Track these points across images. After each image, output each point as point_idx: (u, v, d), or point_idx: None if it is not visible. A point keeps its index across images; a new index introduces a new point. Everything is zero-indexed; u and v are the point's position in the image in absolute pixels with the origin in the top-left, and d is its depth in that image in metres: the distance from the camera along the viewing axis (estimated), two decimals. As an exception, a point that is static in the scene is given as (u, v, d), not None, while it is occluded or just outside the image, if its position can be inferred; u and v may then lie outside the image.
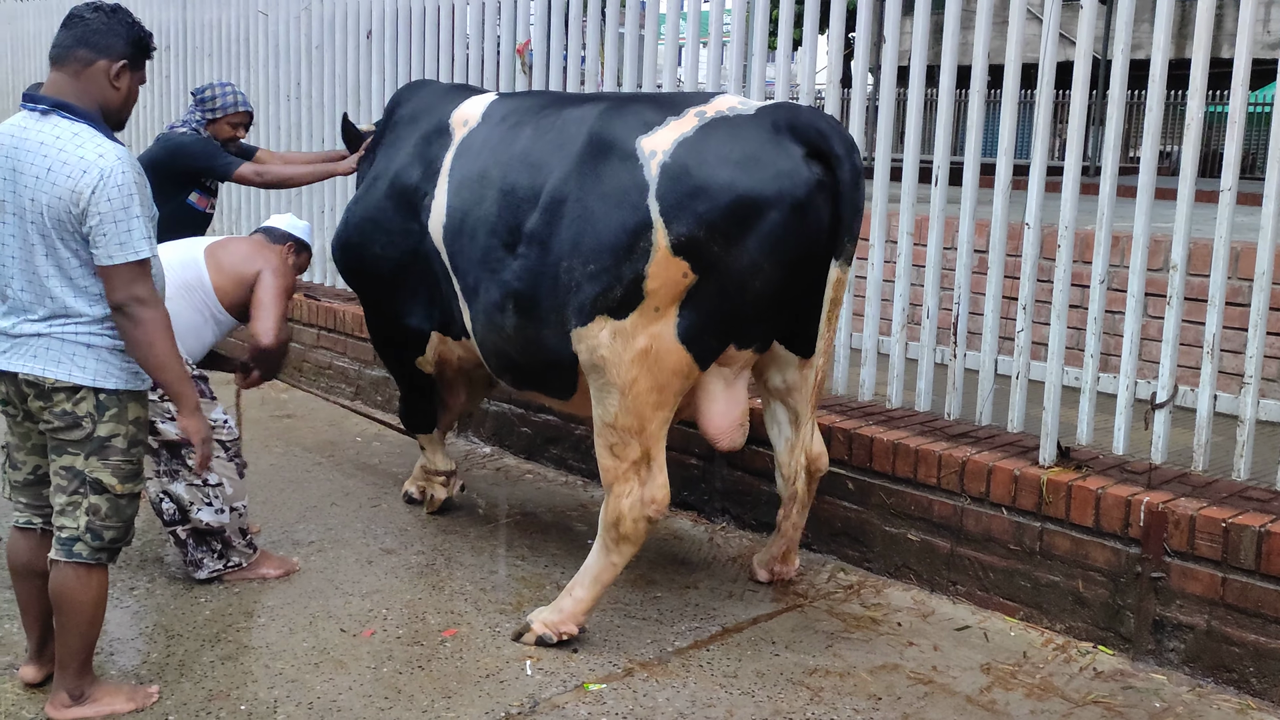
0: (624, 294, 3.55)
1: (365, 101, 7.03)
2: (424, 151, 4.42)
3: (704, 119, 3.58)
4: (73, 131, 3.05)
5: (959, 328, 4.56)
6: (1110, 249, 4.18)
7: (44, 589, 3.30)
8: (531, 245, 3.80)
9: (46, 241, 3.05)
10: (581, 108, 3.92)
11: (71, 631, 3.23)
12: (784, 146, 3.52)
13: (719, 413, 3.90)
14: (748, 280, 3.54)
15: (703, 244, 3.47)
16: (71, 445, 3.15)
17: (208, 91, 5.31)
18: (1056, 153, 14.70)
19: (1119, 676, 3.73)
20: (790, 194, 3.48)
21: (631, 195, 3.54)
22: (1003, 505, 4.11)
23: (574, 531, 4.89)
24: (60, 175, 3.00)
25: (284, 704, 3.40)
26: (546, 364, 3.91)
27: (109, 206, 3.00)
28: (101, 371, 3.13)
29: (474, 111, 4.38)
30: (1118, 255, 5.72)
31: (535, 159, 3.88)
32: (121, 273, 3.04)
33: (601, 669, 3.68)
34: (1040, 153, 4.28)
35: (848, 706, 3.49)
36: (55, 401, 3.12)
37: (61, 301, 3.09)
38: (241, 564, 4.27)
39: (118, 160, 3.03)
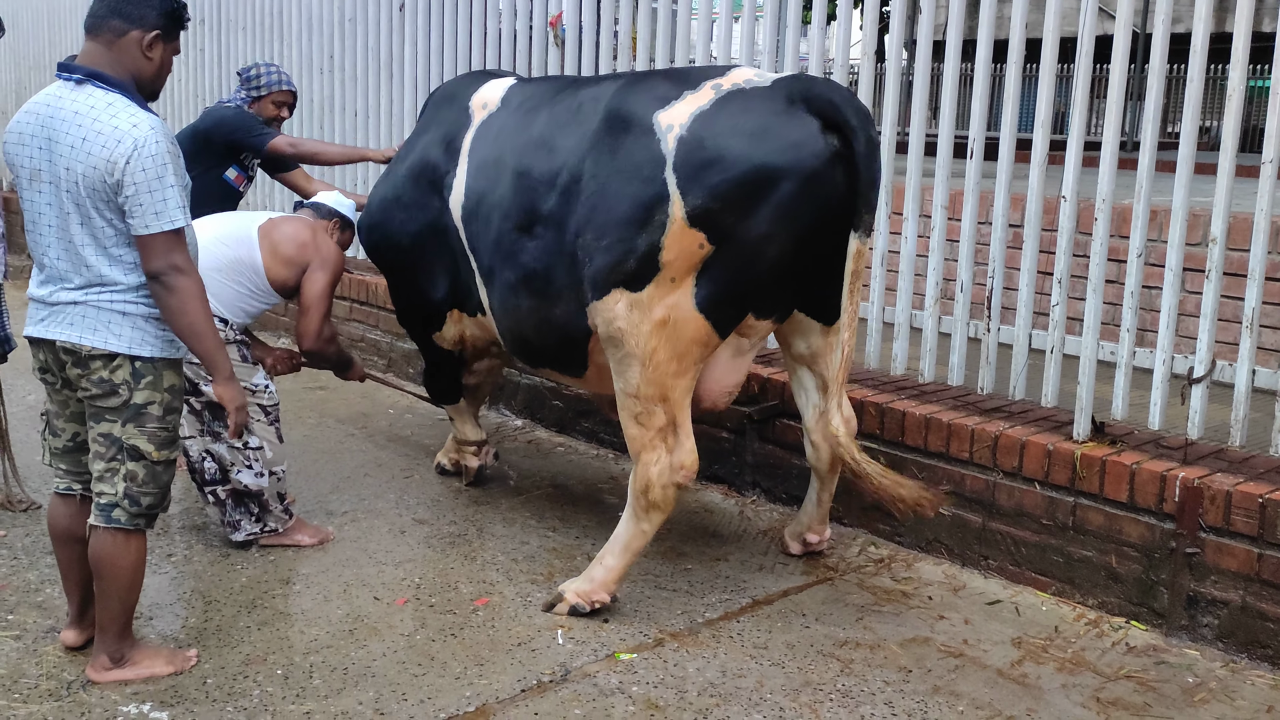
0: (639, 266, 3.56)
1: (398, 75, 7.04)
2: (445, 133, 4.48)
3: (720, 92, 3.59)
4: (107, 101, 3.07)
5: (993, 302, 4.53)
6: (1148, 223, 4.13)
7: (84, 555, 3.36)
8: (548, 227, 3.83)
9: (81, 211, 3.09)
10: (598, 87, 3.94)
11: (111, 596, 3.29)
12: (798, 118, 3.52)
13: (715, 377, 3.93)
14: (763, 250, 3.55)
15: (718, 215, 3.48)
16: (109, 412, 3.19)
17: (253, 70, 5.36)
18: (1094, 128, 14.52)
19: (1152, 652, 3.71)
20: (804, 164, 3.48)
21: (648, 169, 3.55)
22: (1036, 480, 4.09)
23: (605, 504, 4.91)
24: (95, 145, 3.03)
25: (319, 669, 3.44)
26: (560, 342, 3.94)
27: (144, 176, 3.02)
28: (137, 339, 3.16)
29: (493, 95, 4.41)
30: (1155, 230, 5.66)
31: (551, 143, 3.90)
32: (158, 242, 3.07)
33: (632, 639, 3.71)
34: (1078, 125, 4.24)
35: (878, 678, 3.50)
36: (92, 369, 3.16)
37: (97, 270, 3.12)
38: (277, 529, 4.32)
39: (151, 130, 3.05)
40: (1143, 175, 4.07)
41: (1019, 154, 4.53)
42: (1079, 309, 4.41)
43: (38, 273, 3.23)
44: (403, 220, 4.56)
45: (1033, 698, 3.41)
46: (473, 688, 3.37)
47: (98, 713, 3.18)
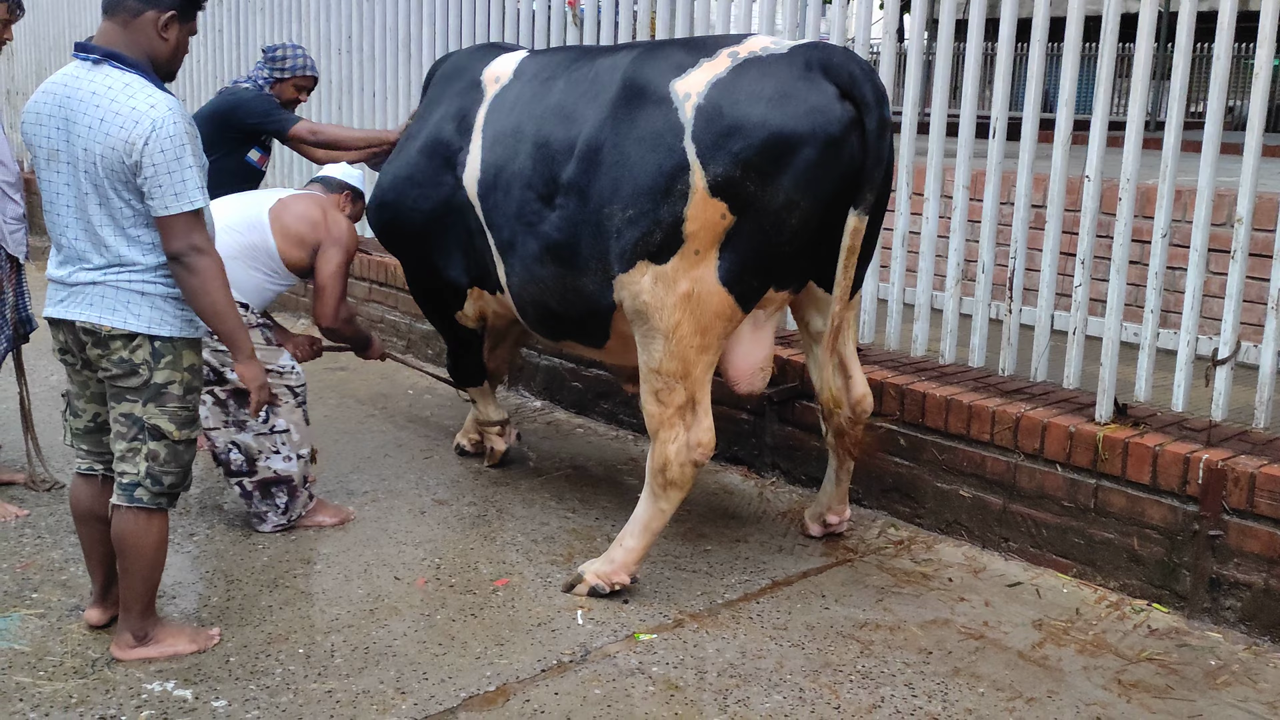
0: (664, 238, 3.55)
1: (416, 55, 7.03)
2: (457, 108, 4.45)
3: (737, 59, 3.57)
4: (124, 82, 3.07)
5: (1015, 283, 4.50)
6: (1173, 203, 4.10)
7: (106, 534, 3.38)
8: (569, 195, 3.81)
9: (99, 191, 3.09)
10: (614, 56, 3.92)
11: (134, 575, 3.31)
12: (817, 83, 3.51)
13: (741, 354, 3.91)
14: (785, 218, 3.53)
15: (739, 183, 3.47)
16: (129, 392, 3.21)
17: (279, 51, 5.33)
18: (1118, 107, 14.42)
19: (1174, 634, 3.70)
20: (824, 130, 3.47)
21: (667, 138, 3.54)
22: (1057, 462, 4.07)
23: (624, 485, 4.91)
24: (113, 126, 3.03)
25: (340, 649, 3.46)
26: (585, 313, 3.93)
27: (163, 158, 3.02)
28: (156, 319, 3.17)
29: (505, 69, 4.38)
30: (1180, 210, 5.62)
31: (569, 111, 3.89)
32: (178, 223, 3.08)
33: (652, 619, 3.71)
34: (1103, 104, 4.20)
35: (898, 660, 3.49)
36: (112, 349, 3.17)
37: (115, 251, 3.13)
38: (301, 514, 4.34)
39: (169, 111, 3.05)
40: (1168, 155, 4.03)
41: (1042, 134, 4.49)
42: (1102, 290, 4.39)
43: (55, 253, 3.23)
44: (415, 199, 4.53)
45: (1054, 680, 3.40)
46: (493, 667, 3.38)
47: (122, 690, 3.20)
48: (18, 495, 4.55)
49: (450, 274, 4.59)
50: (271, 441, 4.24)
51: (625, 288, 3.69)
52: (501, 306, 4.55)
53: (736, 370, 3.94)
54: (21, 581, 3.84)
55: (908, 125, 4.84)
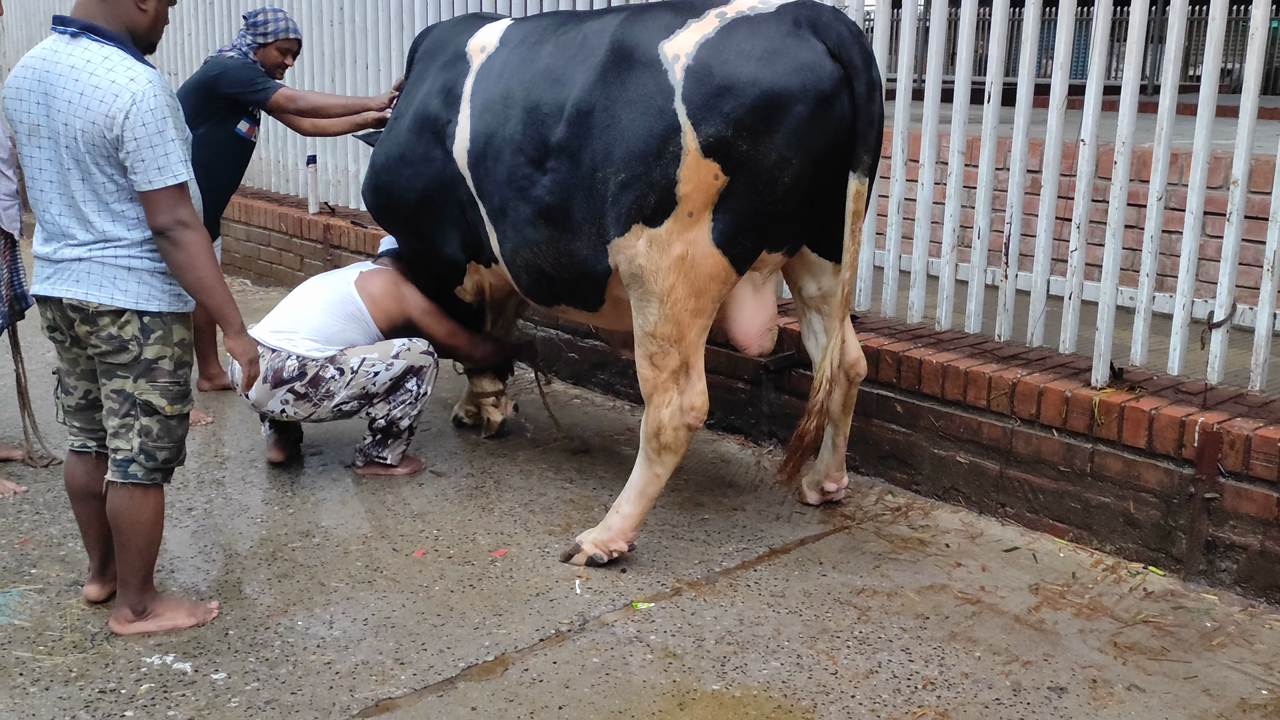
0: (657, 201, 3.55)
1: (409, 25, 6.98)
2: (443, 81, 4.43)
3: (725, 19, 3.56)
4: (103, 55, 3.04)
5: (1010, 248, 4.49)
6: (1169, 167, 4.08)
7: (101, 510, 3.38)
8: (560, 158, 3.81)
9: (81, 167, 3.07)
10: (601, 20, 3.90)
11: (131, 550, 3.31)
12: (805, 40, 3.50)
13: (747, 318, 3.92)
14: (777, 176, 3.53)
15: (731, 143, 3.47)
16: (120, 369, 3.20)
17: (260, 16, 5.28)
18: (1113, 71, 14.34)
19: (1169, 597, 3.71)
20: (814, 86, 3.47)
21: (658, 100, 3.54)
22: (1053, 427, 4.08)
23: (621, 455, 4.91)
24: (93, 100, 3.00)
25: (339, 620, 3.48)
26: (579, 276, 3.93)
27: (144, 131, 3.00)
28: (144, 294, 3.16)
29: (490, 38, 4.36)
30: (1176, 173, 5.59)
31: (558, 74, 3.88)
32: (162, 197, 3.06)
33: (650, 588, 3.72)
34: (1098, 67, 4.17)
35: (895, 625, 3.51)
36: (100, 326, 3.16)
37: (100, 227, 3.11)
38: (387, 459, 4.65)
39: (149, 84, 3.03)
40: (1163, 118, 4.01)
41: (1037, 99, 4.47)
42: (1097, 255, 4.37)
43: (40, 229, 3.22)
44: (409, 177, 4.51)
45: (1050, 643, 3.42)
46: (491, 637, 3.40)
47: (122, 664, 3.22)
48: (15, 471, 4.56)
49: (447, 250, 4.57)
50: (414, 405, 4.56)
51: (621, 252, 3.68)
52: (497, 278, 4.54)
53: (745, 333, 3.95)
54: (20, 557, 3.85)
55: (903, 91, 4.81)
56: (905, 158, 4.84)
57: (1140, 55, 4.12)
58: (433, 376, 4.59)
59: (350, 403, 4.47)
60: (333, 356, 4.41)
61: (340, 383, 4.40)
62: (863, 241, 4.95)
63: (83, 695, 3.07)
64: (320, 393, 4.40)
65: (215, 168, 5.22)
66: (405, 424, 4.57)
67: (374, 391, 4.48)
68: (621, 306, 3.94)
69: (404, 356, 4.49)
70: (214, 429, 5.19)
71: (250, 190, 8.47)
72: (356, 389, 4.43)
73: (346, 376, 4.40)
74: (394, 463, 4.63)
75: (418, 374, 4.52)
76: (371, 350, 4.47)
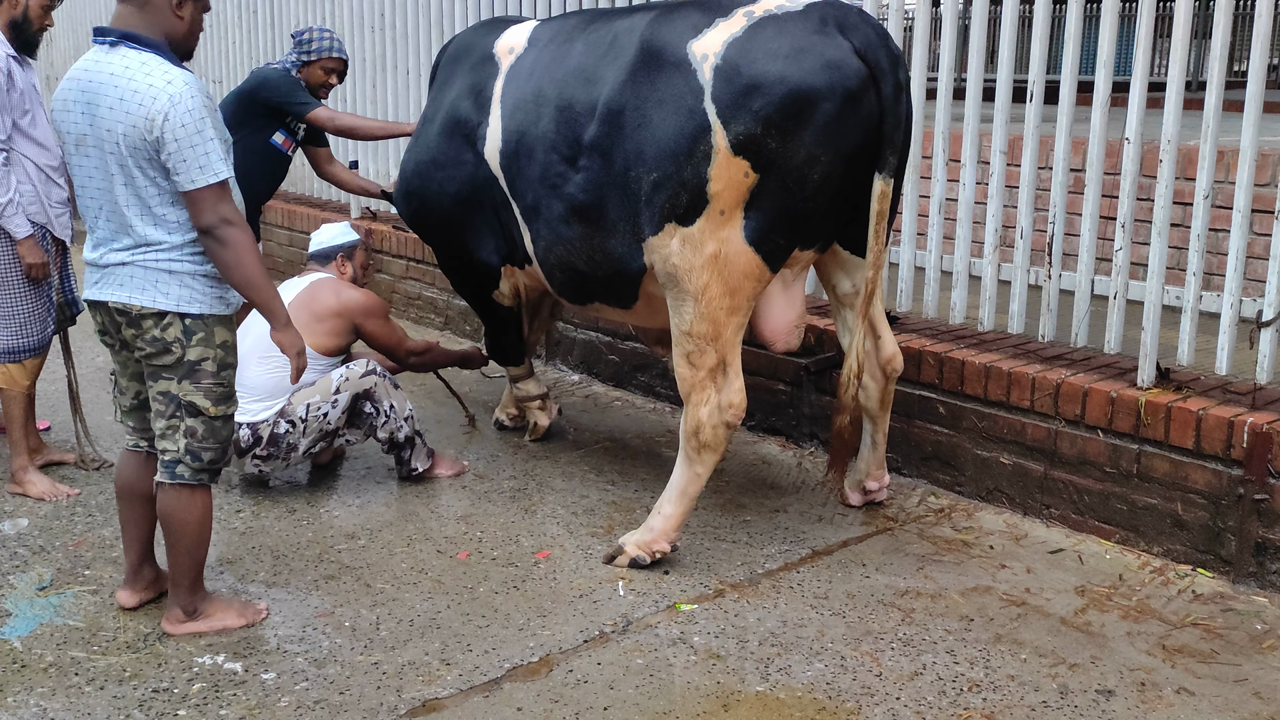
0: (690, 199, 3.57)
1: (449, 30, 7.02)
2: (472, 84, 4.46)
3: (752, 18, 3.58)
4: (141, 61, 3.11)
5: (1054, 248, 4.46)
6: (1215, 164, 4.03)
7: (145, 511, 3.47)
8: (593, 156, 3.83)
9: (125, 171, 3.14)
10: (630, 18, 3.93)
11: (180, 550, 3.37)
12: (832, 38, 3.51)
13: (775, 315, 3.94)
14: (806, 174, 3.54)
15: (761, 140, 3.48)
16: (165, 370, 3.26)
17: (306, 35, 5.34)
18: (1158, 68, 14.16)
19: (1219, 599, 3.67)
20: (841, 84, 3.48)
21: (688, 100, 3.56)
22: (1099, 428, 4.04)
23: (662, 457, 4.92)
24: (133, 104, 3.07)
25: (385, 621, 3.51)
26: (612, 273, 3.96)
27: (184, 132, 3.06)
28: (185, 297, 3.22)
29: (518, 39, 4.39)
30: (1222, 171, 5.53)
31: (590, 72, 3.91)
32: (206, 195, 3.11)
33: (692, 590, 3.73)
34: (1142, 65, 4.13)
35: (939, 627, 3.49)
36: (144, 328, 3.22)
37: (141, 231, 3.18)
38: (418, 468, 4.62)
39: (186, 86, 3.09)
40: (1209, 115, 3.97)
41: (1080, 97, 4.43)
42: (1143, 254, 4.34)
43: (90, 236, 3.30)
44: (441, 181, 4.55)
45: (1097, 646, 3.39)
46: (536, 638, 3.42)
47: (174, 664, 3.27)
48: (69, 475, 4.64)
49: (482, 255, 4.60)
50: (392, 420, 4.51)
51: (655, 251, 3.70)
52: (532, 279, 4.57)
53: (772, 330, 3.97)
54: (74, 559, 3.92)
55: (944, 91, 4.79)
56: (946, 157, 4.82)
57: (1185, 51, 4.07)
58: (386, 391, 4.47)
59: (318, 444, 4.44)
60: (282, 409, 4.33)
61: (297, 433, 4.35)
62: (904, 242, 4.96)
63: (136, 695, 3.12)
64: (283, 449, 4.36)
65: (248, 177, 5.27)
66: (402, 436, 4.52)
67: (333, 429, 4.43)
68: (655, 303, 3.97)
69: (345, 388, 4.40)
70: (260, 432, 5.25)
71: (292, 195, 8.56)
72: (315, 433, 4.37)
73: (300, 426, 4.34)
74: (423, 467, 4.63)
75: (369, 397, 4.43)
76: (314, 392, 4.36)
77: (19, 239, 4.31)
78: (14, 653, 3.32)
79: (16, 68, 4.34)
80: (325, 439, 4.45)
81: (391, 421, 4.50)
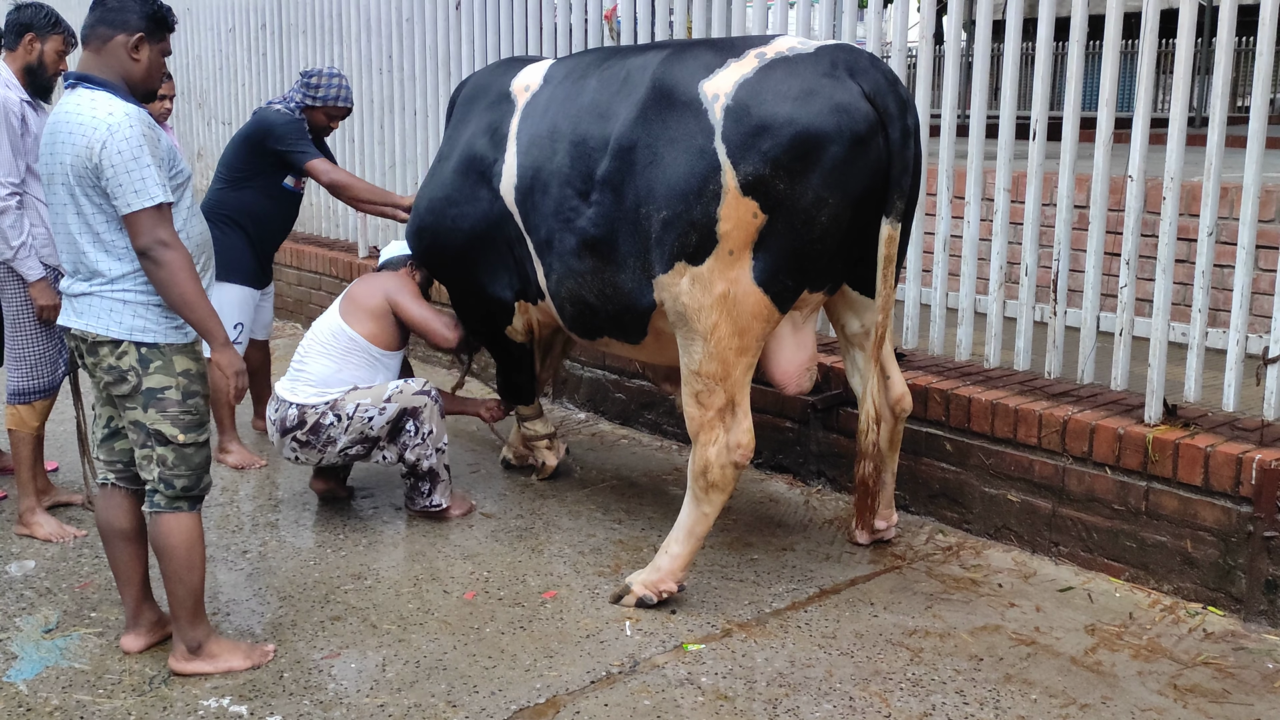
0: (699, 239, 3.60)
1: (456, 72, 7.09)
2: (488, 122, 4.51)
3: (764, 60, 3.61)
4: (90, 98, 3.24)
5: (1059, 284, 4.46)
6: (1219, 200, 4.04)
7: (129, 551, 3.50)
8: (605, 191, 3.87)
9: (75, 200, 3.24)
10: (644, 55, 3.96)
11: (172, 579, 3.38)
12: (842, 82, 3.55)
13: (786, 357, 3.95)
14: (814, 215, 3.56)
15: (769, 181, 3.51)
16: (127, 400, 3.32)
17: (315, 79, 5.33)
18: (1160, 104, 14.22)
19: (1230, 638, 3.65)
20: (850, 127, 3.51)
21: (698, 140, 3.59)
22: (1106, 465, 4.03)
23: (669, 495, 4.92)
24: (78, 135, 3.19)
25: (393, 662, 3.50)
26: (622, 308, 3.98)
27: (120, 159, 3.16)
28: (138, 327, 3.28)
29: (534, 77, 4.44)
30: (1226, 207, 5.54)
31: (603, 108, 3.95)
32: (142, 219, 3.18)
33: (700, 629, 3.72)
34: (1144, 102, 4.16)
35: (949, 667, 3.47)
36: (101, 356, 3.29)
37: (93, 258, 3.26)
38: (442, 504, 4.65)
39: (125, 116, 3.19)
40: (1212, 151, 3.99)
41: (1083, 134, 4.46)
42: (1148, 290, 4.34)
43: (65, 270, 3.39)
44: (455, 217, 4.59)
45: (1108, 685, 3.37)
46: (543, 679, 3.40)
47: (179, 707, 3.26)
48: (75, 516, 4.64)
49: (495, 290, 4.62)
50: (425, 445, 4.54)
51: (665, 289, 3.73)
52: (544, 315, 4.59)
53: (783, 373, 3.97)
54: (80, 601, 3.92)
55: (946, 128, 4.82)
56: (951, 194, 4.84)
57: (1187, 88, 4.10)
58: (431, 415, 4.54)
59: (354, 447, 4.51)
60: (332, 402, 4.46)
61: (339, 428, 4.45)
62: (909, 279, 4.97)
63: (141, 738, 3.11)
64: (322, 439, 4.46)
65: (264, 219, 5.35)
66: (426, 465, 4.56)
67: (374, 435, 4.50)
68: (663, 339, 3.98)
69: (396, 400, 4.50)
70: (267, 471, 5.26)
71: (301, 235, 8.61)
72: (355, 434, 4.47)
73: (344, 423, 4.45)
74: (446, 504, 4.65)
75: (414, 415, 4.50)
76: (366, 395, 4.49)
77: (32, 281, 4.35)
78: (19, 696, 3.31)
79: (30, 112, 4.38)
80: (364, 444, 4.51)
81: (424, 446, 4.54)
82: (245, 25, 9.05)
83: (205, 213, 4.91)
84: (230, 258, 5.14)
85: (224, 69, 9.44)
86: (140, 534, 3.50)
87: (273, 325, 5.95)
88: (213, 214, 5.16)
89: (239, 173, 5.28)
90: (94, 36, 3.31)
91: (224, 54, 9.41)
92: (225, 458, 5.29)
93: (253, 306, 5.45)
